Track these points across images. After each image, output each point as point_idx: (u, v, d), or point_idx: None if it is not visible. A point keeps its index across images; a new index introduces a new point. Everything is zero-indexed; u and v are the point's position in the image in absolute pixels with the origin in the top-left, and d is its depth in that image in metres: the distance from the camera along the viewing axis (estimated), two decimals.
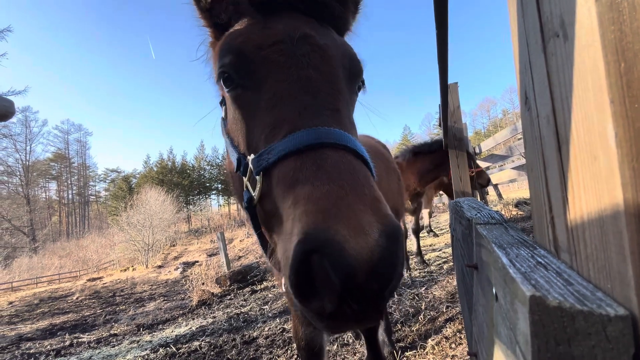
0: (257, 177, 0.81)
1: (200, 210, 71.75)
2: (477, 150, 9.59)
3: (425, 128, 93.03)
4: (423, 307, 3.83)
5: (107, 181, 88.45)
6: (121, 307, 10.85)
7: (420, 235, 6.90)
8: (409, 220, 6.44)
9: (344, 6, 1.06)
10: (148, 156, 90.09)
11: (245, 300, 6.76)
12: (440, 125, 4.54)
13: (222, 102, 1.09)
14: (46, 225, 75.88)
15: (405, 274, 5.59)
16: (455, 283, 4.37)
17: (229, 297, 7.51)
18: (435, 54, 2.01)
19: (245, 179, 0.87)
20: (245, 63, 0.90)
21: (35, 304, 16.27)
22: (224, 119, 1.08)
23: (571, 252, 0.44)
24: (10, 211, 63.56)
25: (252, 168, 0.83)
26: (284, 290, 0.89)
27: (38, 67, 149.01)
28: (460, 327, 3.06)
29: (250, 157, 0.84)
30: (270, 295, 6.57)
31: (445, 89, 2.70)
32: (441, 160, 5.28)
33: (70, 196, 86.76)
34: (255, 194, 0.82)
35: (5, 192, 68.64)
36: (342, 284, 0.55)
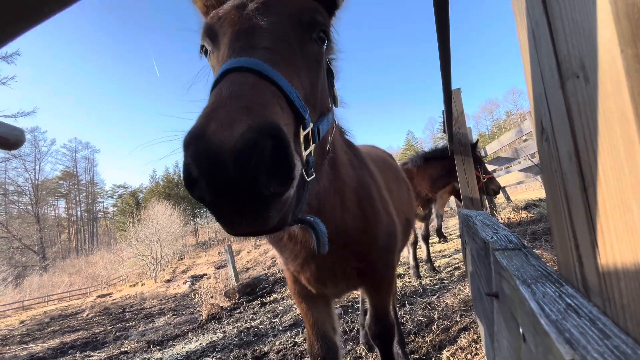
0: None
1: (207, 222, 71.89)
2: (483, 153, 9.52)
3: (429, 132, 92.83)
4: (436, 317, 3.76)
5: (114, 197, 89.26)
6: (131, 323, 10.83)
7: (430, 241, 6.82)
8: (418, 227, 6.38)
9: None
10: (154, 171, 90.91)
11: (254, 313, 6.70)
12: (444, 131, 4.52)
13: None
14: (56, 242, 76.58)
15: (416, 282, 5.51)
16: (467, 291, 4.29)
17: (238, 310, 7.46)
18: (437, 60, 2.00)
19: None
20: (211, 33, 1.07)
21: (46, 323, 16.32)
22: None
23: (604, 297, 0.42)
24: (21, 230, 64.36)
25: None
26: None
27: (45, 86, 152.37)
28: (475, 336, 2.98)
29: None
30: (280, 307, 6.51)
31: (448, 96, 2.69)
32: (452, 165, 5.24)
33: (78, 213, 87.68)
34: None
35: (16, 212, 69.62)
36: (208, 171, 0.62)
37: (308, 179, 0.87)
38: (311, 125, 0.90)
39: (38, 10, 0.54)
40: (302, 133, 0.84)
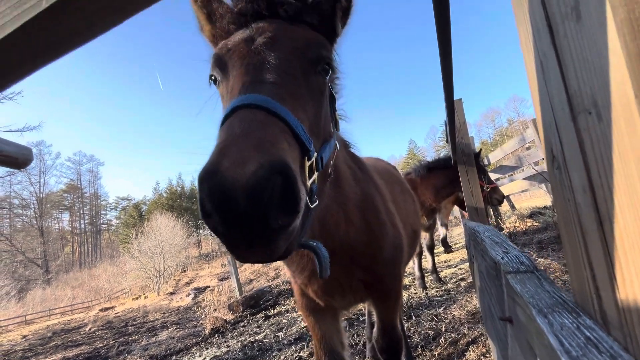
0: None
1: (211, 234, 71.66)
2: (486, 162, 9.51)
3: (430, 141, 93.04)
4: (443, 329, 3.70)
5: (118, 209, 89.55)
6: (134, 337, 10.73)
7: (435, 251, 6.75)
8: (423, 237, 6.33)
9: (322, 4, 1.23)
10: (157, 183, 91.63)
11: (259, 326, 6.62)
12: (447, 141, 4.53)
13: None
14: (59, 255, 76.57)
15: (422, 293, 5.44)
16: (475, 303, 4.23)
17: (242, 323, 7.38)
18: (437, 68, 2.03)
19: None
20: (221, 63, 1.11)
21: (49, 337, 16.20)
22: None
23: (624, 332, 0.41)
24: (25, 243, 64.50)
25: None
26: None
27: (51, 98, 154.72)
28: (484, 350, 2.93)
29: None
30: (284, 320, 6.43)
31: (451, 107, 2.70)
32: (456, 175, 5.22)
33: (82, 226, 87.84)
34: None
35: (20, 225, 69.91)
36: (221, 206, 0.66)
37: (312, 206, 0.92)
38: (315, 154, 0.94)
39: (58, 49, 0.57)
40: (307, 164, 0.88)
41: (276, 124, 0.84)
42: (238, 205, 0.65)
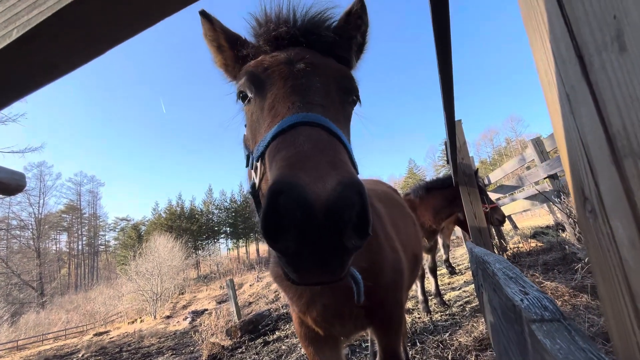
0: (257, 164, 0.97)
1: (209, 255, 70.87)
2: (487, 182, 9.49)
3: (430, 160, 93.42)
4: (450, 358, 3.54)
5: (116, 230, 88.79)
6: None
7: (438, 272, 6.60)
8: (425, 259, 6.21)
9: (343, 40, 1.28)
10: (157, 203, 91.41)
11: (257, 353, 6.38)
12: (448, 162, 4.52)
13: (246, 124, 1.31)
14: (55, 278, 75.32)
15: (426, 318, 5.27)
16: (481, 328, 4.08)
17: (240, 350, 7.12)
18: (435, 87, 2.05)
19: (251, 170, 1.05)
20: (255, 80, 1.12)
21: None
22: (244, 135, 1.30)
23: None
24: (21, 265, 63.62)
25: (253, 157, 1.01)
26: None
27: (52, 120, 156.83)
28: None
29: (254, 150, 1.02)
30: (283, 347, 6.20)
31: (452, 128, 2.70)
32: (455, 195, 5.17)
33: (80, 247, 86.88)
34: (257, 179, 0.99)
35: (17, 246, 69.15)
36: (302, 220, 0.63)
37: None
38: None
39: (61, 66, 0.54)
40: None
41: (339, 144, 0.86)
42: (319, 221, 0.63)
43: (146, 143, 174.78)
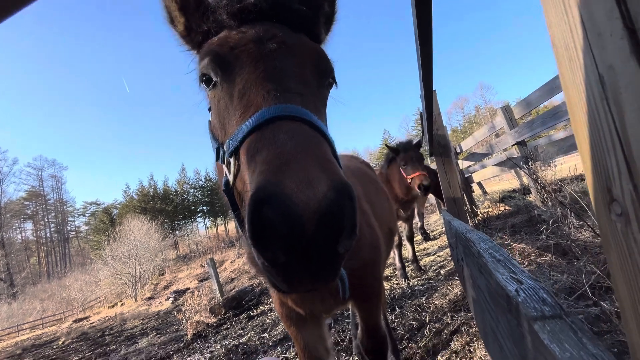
0: (230, 159, 0.88)
1: (187, 235, 69.96)
2: (458, 150, 9.75)
3: (404, 130, 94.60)
4: (427, 320, 3.75)
5: (86, 215, 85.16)
6: (112, 347, 10.30)
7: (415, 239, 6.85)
8: (402, 228, 6.40)
9: (315, 14, 1.16)
10: (127, 185, 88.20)
11: (242, 328, 6.50)
12: (423, 133, 4.55)
13: (210, 108, 1.18)
14: (24, 267, 72.14)
15: (404, 284, 5.51)
16: (455, 291, 4.32)
17: (225, 326, 7.22)
18: (410, 58, 2.00)
19: (223, 165, 0.95)
20: (221, 62, 0.99)
21: (18, 355, 15.32)
22: (210, 122, 1.17)
23: None
24: None
25: (224, 152, 0.92)
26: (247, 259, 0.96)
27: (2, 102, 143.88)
28: (468, 339, 2.98)
29: (225, 143, 0.91)
30: (268, 320, 6.34)
31: (429, 101, 2.68)
32: (412, 159, 5.26)
33: (48, 235, 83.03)
34: (230, 176, 0.89)
35: None
36: (291, 233, 0.58)
37: None
38: None
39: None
40: None
41: (324, 140, 0.79)
42: (309, 231, 0.59)
43: (111, 124, 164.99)
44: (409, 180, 5.12)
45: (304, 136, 0.74)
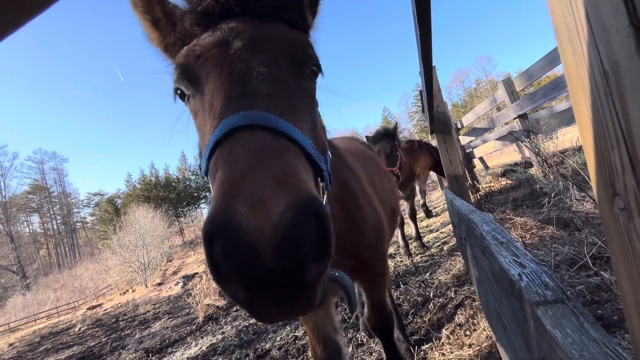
0: (208, 179, 0.83)
1: (192, 221, 70.77)
2: (459, 125, 9.65)
3: (403, 107, 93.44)
4: (431, 295, 3.84)
5: (91, 206, 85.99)
6: (126, 332, 10.64)
7: (417, 216, 6.91)
8: (404, 206, 6.44)
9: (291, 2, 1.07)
10: (129, 174, 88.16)
11: None
12: (423, 110, 4.49)
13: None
14: (35, 259, 73.60)
15: (408, 261, 5.61)
16: (458, 266, 4.39)
17: (234, 308, 7.42)
18: (407, 34, 1.95)
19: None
20: (189, 74, 0.94)
21: (37, 342, 15.86)
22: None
23: None
24: None
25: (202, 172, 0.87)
26: None
27: None
28: (471, 312, 3.06)
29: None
30: None
31: (429, 79, 2.63)
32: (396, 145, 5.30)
33: (55, 227, 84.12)
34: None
35: None
36: (244, 266, 0.51)
37: None
38: (327, 174, 0.82)
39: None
40: (321, 186, 0.76)
41: (288, 147, 0.70)
42: (265, 263, 0.51)
43: (106, 114, 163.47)
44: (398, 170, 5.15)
45: (261, 148, 0.66)
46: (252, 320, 5.77)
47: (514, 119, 6.05)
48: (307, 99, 0.97)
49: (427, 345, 2.90)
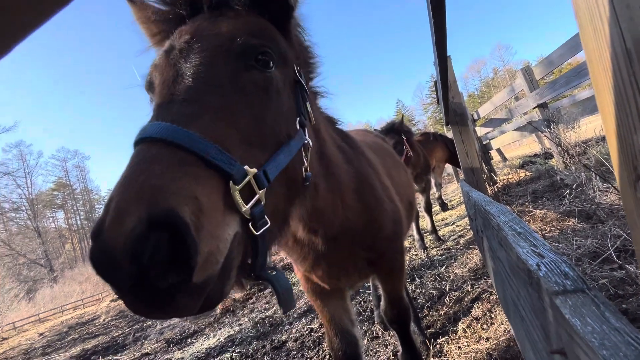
0: None
1: None
2: (475, 117, 9.42)
3: (418, 99, 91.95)
4: (447, 289, 3.80)
5: None
6: (148, 323, 11.00)
7: (433, 209, 6.83)
8: (420, 200, 6.37)
9: None
10: None
11: (267, 302, 6.80)
12: (438, 102, 4.41)
13: None
14: (61, 253, 76.85)
15: (423, 254, 5.56)
16: (475, 259, 4.33)
17: (251, 301, 7.56)
18: (422, 26, 1.92)
19: None
20: (150, 85, 0.97)
21: (65, 332, 16.62)
22: None
23: None
24: (24, 245, 64.51)
25: None
26: None
27: (19, 98, 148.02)
28: (489, 306, 3.02)
29: None
30: None
31: (444, 69, 2.58)
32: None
33: (78, 222, 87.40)
34: None
35: (15, 228, 69.41)
36: (102, 272, 0.58)
37: (258, 233, 0.77)
38: (252, 171, 0.78)
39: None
40: (237, 188, 0.73)
41: (170, 158, 0.68)
42: (121, 269, 0.56)
43: (125, 113, 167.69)
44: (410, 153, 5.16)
45: (142, 162, 0.67)
46: (269, 313, 5.87)
47: (534, 108, 5.86)
48: (250, 94, 0.91)
49: (443, 339, 2.88)
